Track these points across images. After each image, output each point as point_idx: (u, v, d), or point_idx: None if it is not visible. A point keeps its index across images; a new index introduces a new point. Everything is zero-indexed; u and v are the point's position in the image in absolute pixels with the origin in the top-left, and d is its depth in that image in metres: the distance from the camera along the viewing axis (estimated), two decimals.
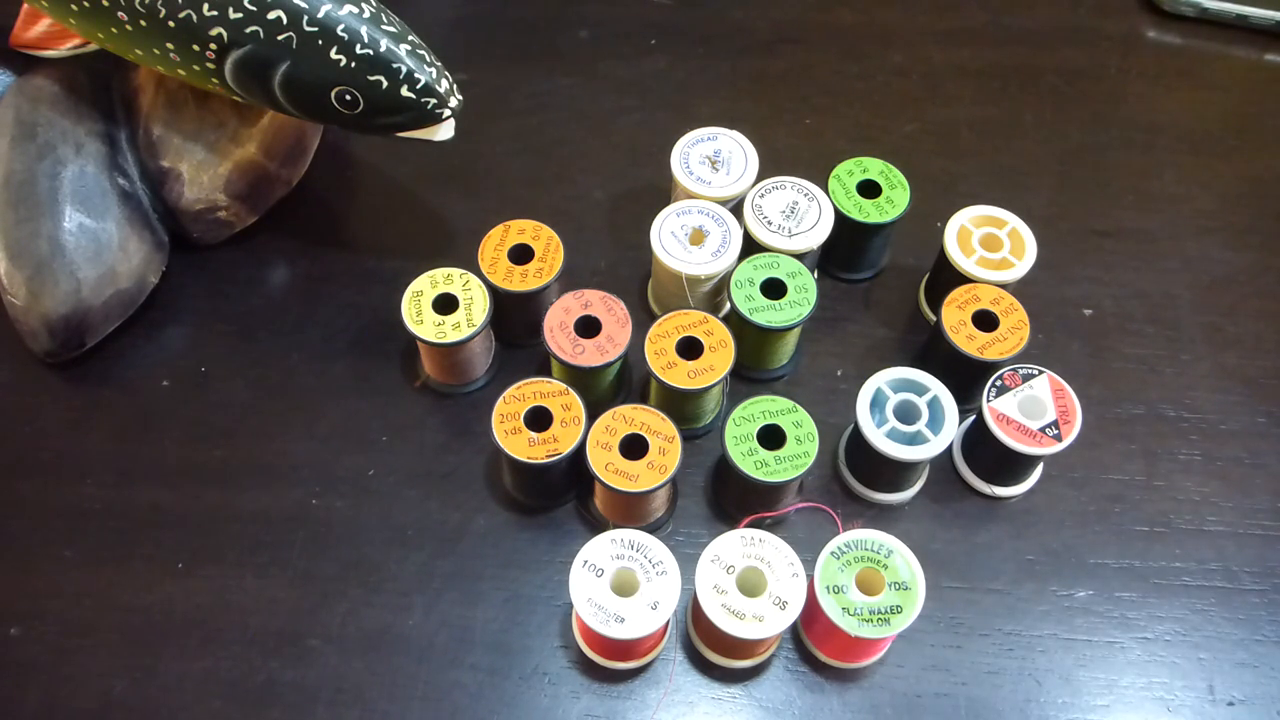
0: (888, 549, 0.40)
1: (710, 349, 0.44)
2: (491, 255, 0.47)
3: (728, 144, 0.50)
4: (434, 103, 0.44)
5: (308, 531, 0.46)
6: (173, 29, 0.43)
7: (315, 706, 0.42)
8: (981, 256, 0.47)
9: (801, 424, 0.42)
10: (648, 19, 0.63)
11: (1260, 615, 0.44)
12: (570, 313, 0.45)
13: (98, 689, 0.42)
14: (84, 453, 0.48)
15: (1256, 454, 0.48)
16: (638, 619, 0.38)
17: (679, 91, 0.60)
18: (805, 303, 0.45)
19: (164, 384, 0.50)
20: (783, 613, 0.38)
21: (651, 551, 0.39)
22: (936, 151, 0.57)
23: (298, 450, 0.48)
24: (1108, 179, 0.57)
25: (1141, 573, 0.45)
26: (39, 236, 0.47)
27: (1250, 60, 0.61)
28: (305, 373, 0.50)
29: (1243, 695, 0.43)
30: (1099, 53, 0.62)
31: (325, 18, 0.42)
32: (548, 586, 0.45)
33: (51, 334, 0.47)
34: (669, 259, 0.47)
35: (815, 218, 0.48)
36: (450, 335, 0.45)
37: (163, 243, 0.51)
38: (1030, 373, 0.44)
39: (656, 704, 0.42)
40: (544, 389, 0.43)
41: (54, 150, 0.48)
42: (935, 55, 0.61)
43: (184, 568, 0.45)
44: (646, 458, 0.42)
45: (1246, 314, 0.52)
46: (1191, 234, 0.55)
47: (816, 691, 0.42)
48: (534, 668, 0.43)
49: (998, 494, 0.47)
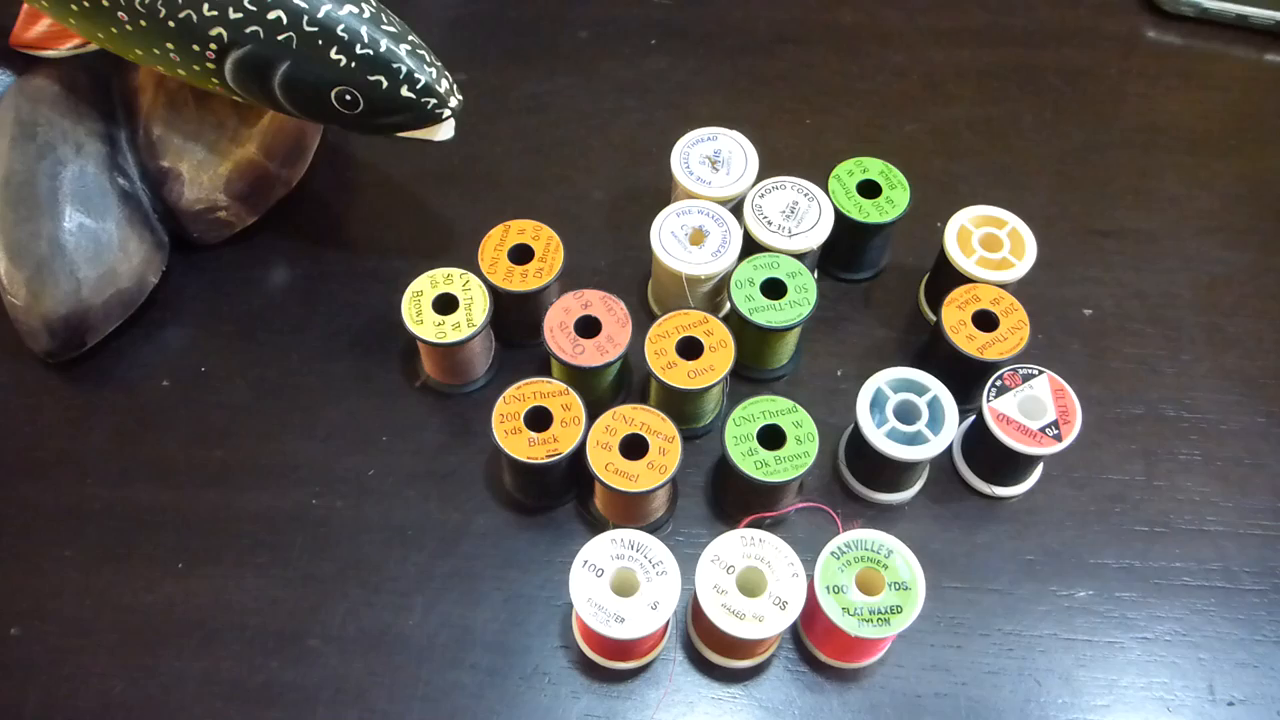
0: (888, 549, 0.40)
1: (710, 349, 0.44)
2: (491, 255, 0.47)
3: (728, 144, 0.50)
4: (434, 103, 0.44)
5: (308, 531, 0.46)
6: (173, 29, 0.43)
7: (315, 706, 0.42)
8: (981, 256, 0.47)
9: (801, 424, 0.42)
10: (648, 19, 0.63)
11: (1260, 615, 0.44)
12: (570, 313, 0.45)
13: (98, 689, 0.42)
14: (84, 453, 0.48)
15: (1256, 454, 0.48)
16: (638, 619, 0.38)
17: (679, 91, 0.60)
18: (805, 303, 0.45)
19: (164, 384, 0.50)
20: (783, 613, 0.38)
21: (651, 551, 0.39)
22: (936, 151, 0.57)
23: (298, 450, 0.48)
24: (1108, 179, 0.57)
25: (1141, 573, 0.45)
26: (39, 236, 0.47)
27: (1250, 60, 0.61)
28: (305, 373, 0.50)
29: (1243, 695, 0.43)
30: (1099, 53, 0.62)
31: (325, 18, 0.42)
32: (548, 586, 0.45)
33: (51, 334, 0.47)
34: (669, 259, 0.47)
35: (815, 218, 0.48)
36: (450, 335, 0.45)
37: (163, 243, 0.51)
38: (1030, 373, 0.44)
39: (656, 704, 0.42)
40: (544, 389, 0.43)
41: (54, 150, 0.48)
42: (935, 55, 0.61)
43: (184, 568, 0.45)
44: (646, 458, 0.42)
45: (1246, 314, 0.52)
46: (1191, 234, 0.55)
47: (816, 691, 0.42)
48: (534, 668, 0.43)
49: (998, 494, 0.47)
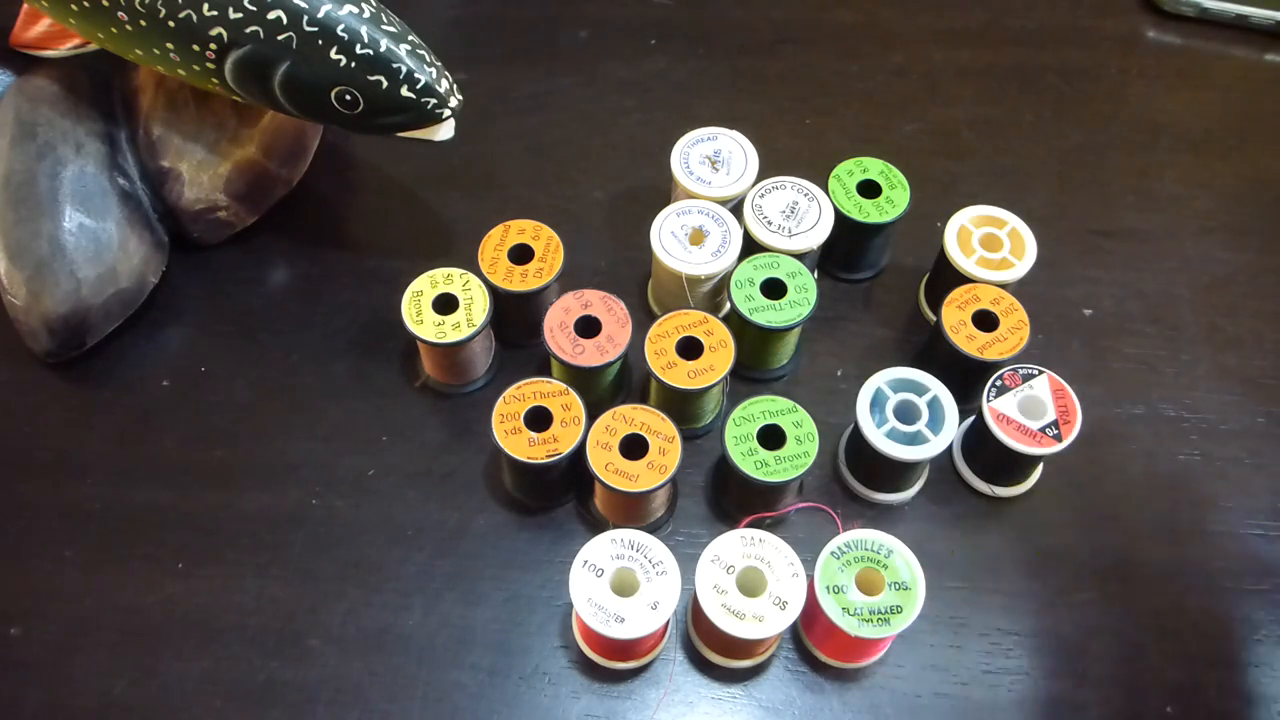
0: (888, 549, 0.40)
1: (710, 349, 0.44)
2: (491, 255, 0.47)
3: (728, 144, 0.50)
4: (434, 103, 0.44)
5: (308, 531, 0.46)
6: (173, 29, 0.43)
7: (315, 706, 0.42)
8: (981, 256, 0.47)
9: (801, 424, 0.42)
10: (648, 19, 0.63)
11: (1260, 615, 0.44)
12: (570, 313, 0.45)
13: (98, 689, 0.42)
14: (84, 453, 0.48)
15: (1256, 454, 0.48)
16: (638, 619, 0.38)
17: (679, 91, 0.60)
18: (805, 303, 0.45)
19: (164, 384, 0.50)
20: (783, 613, 0.38)
21: (651, 551, 0.39)
22: (936, 151, 0.57)
23: (298, 450, 0.48)
24: (1108, 179, 0.57)
25: (1141, 573, 0.45)
26: (39, 236, 0.47)
27: (1250, 60, 0.61)
28: (305, 373, 0.50)
29: (1242, 695, 0.43)
30: (1099, 53, 0.62)
31: (325, 18, 0.42)
32: (548, 586, 0.45)
33: (51, 334, 0.47)
34: (669, 259, 0.47)
35: (815, 218, 0.48)
36: (450, 335, 0.45)
37: (163, 243, 0.51)
38: (1030, 373, 0.44)
39: (656, 704, 0.42)
40: (544, 389, 0.43)
41: (54, 150, 0.48)
42: (935, 55, 0.61)
43: (184, 568, 0.45)
44: (646, 458, 0.42)
45: (1246, 314, 0.52)
46: (1191, 234, 0.55)
47: (816, 691, 0.42)
48: (534, 668, 0.43)
49: (998, 494, 0.47)
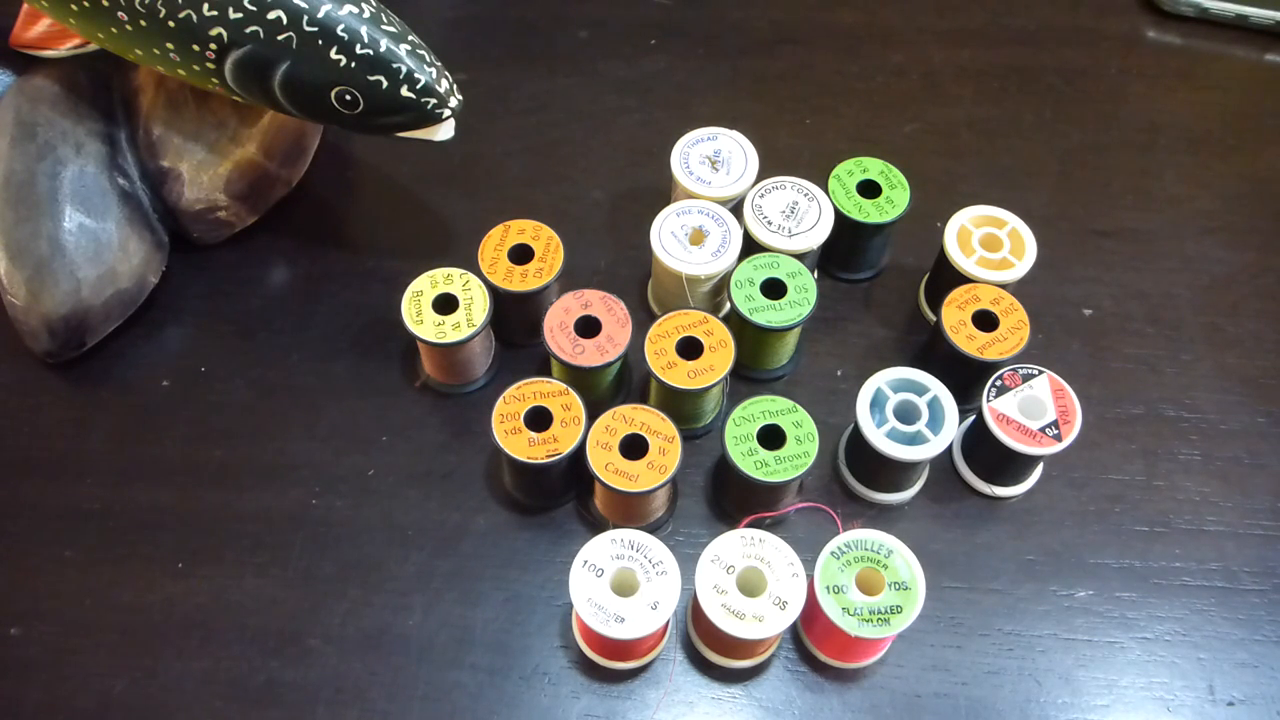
0: (888, 549, 0.40)
1: (710, 349, 0.44)
2: (491, 255, 0.47)
3: (728, 144, 0.50)
4: (434, 103, 0.44)
5: (308, 531, 0.46)
6: (173, 29, 0.43)
7: (315, 706, 0.42)
8: (981, 256, 0.47)
9: (801, 424, 0.42)
10: (648, 19, 0.63)
11: (1260, 615, 0.44)
12: (570, 313, 0.45)
13: (98, 689, 0.42)
14: (84, 453, 0.48)
15: (1256, 454, 0.48)
16: (638, 619, 0.38)
17: (679, 91, 0.60)
18: (805, 303, 0.45)
19: (164, 384, 0.50)
20: (783, 613, 0.38)
21: (651, 551, 0.39)
22: (936, 151, 0.57)
23: (298, 450, 0.48)
24: (1108, 179, 0.57)
25: (1141, 573, 0.45)
26: (39, 236, 0.47)
27: (1250, 60, 0.61)
28: (305, 373, 0.50)
29: (1243, 695, 0.43)
30: (1099, 53, 0.62)
31: (325, 18, 0.42)
32: (548, 586, 0.45)
33: (51, 334, 0.47)
34: (669, 259, 0.47)
35: (815, 218, 0.48)
36: (450, 335, 0.45)
37: (163, 243, 0.51)
38: (1030, 373, 0.44)
39: (656, 704, 0.42)
40: (544, 389, 0.43)
41: (54, 150, 0.48)
42: (935, 55, 0.61)
43: (184, 568, 0.45)
44: (646, 458, 0.42)
45: (1246, 314, 0.52)
46: (1191, 234, 0.55)
47: (816, 691, 0.42)
48: (534, 668, 0.43)
49: (998, 494, 0.47)
